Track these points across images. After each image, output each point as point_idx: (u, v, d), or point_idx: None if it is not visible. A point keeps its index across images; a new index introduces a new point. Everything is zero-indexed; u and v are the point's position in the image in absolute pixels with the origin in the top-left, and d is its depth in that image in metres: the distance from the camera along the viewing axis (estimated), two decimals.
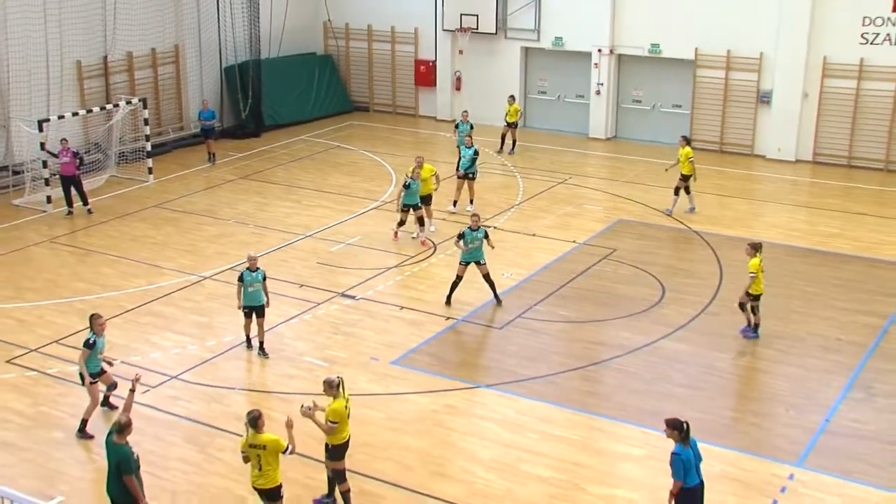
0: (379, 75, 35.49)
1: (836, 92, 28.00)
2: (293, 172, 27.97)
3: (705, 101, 29.91)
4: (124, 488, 11.11)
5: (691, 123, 30.25)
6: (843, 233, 22.61)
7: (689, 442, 11.33)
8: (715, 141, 29.92)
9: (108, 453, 11.26)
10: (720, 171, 27.95)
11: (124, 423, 11.23)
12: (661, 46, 30.05)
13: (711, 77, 29.63)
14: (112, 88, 28.60)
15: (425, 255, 21.16)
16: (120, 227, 23.25)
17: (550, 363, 16.55)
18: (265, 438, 11.36)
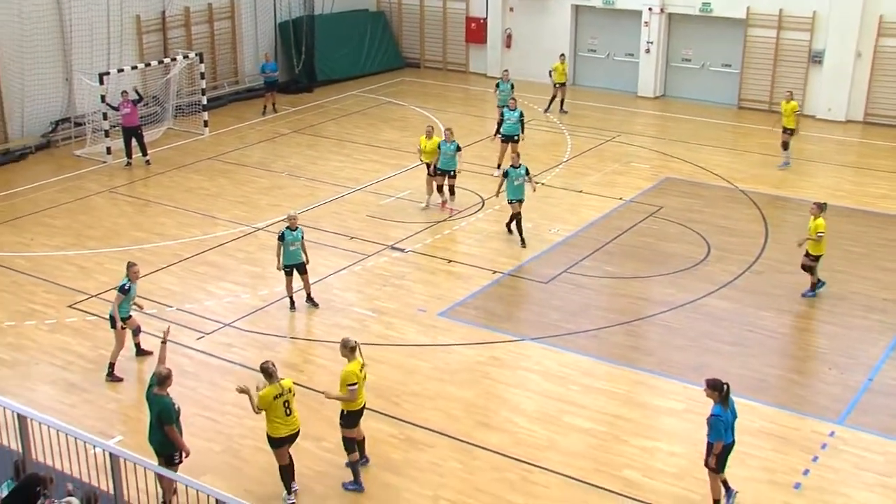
0: (430, 32, 35.59)
1: (892, 51, 27.63)
2: (344, 127, 28.32)
3: (756, 60, 29.69)
4: (165, 438, 11.41)
5: (741, 83, 30.09)
6: (892, 193, 22.51)
7: (728, 403, 11.55)
8: (764, 101, 29.71)
9: (149, 404, 11.55)
10: (769, 131, 27.72)
11: (165, 374, 11.46)
12: (713, 5, 29.80)
13: (762, 36, 29.38)
14: (170, 43, 29.08)
15: (473, 210, 21.45)
16: (176, 179, 23.82)
17: (594, 318, 16.83)
18: (288, 383, 11.69)
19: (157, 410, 11.37)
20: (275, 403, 11.49)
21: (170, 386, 11.52)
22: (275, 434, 11.69)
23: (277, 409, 11.53)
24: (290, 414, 11.66)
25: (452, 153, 20.98)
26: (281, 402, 11.55)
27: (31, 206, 21.86)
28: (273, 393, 11.46)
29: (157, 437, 11.46)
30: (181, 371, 14.92)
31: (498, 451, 13.05)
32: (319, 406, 14.02)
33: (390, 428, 13.50)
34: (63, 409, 13.89)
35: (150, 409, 11.50)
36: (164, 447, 11.44)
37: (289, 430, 11.72)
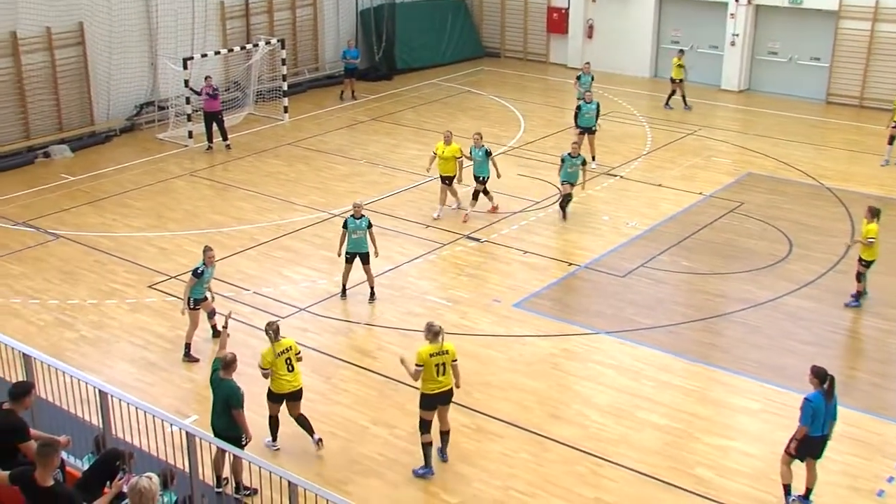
0: (511, 21, 35.41)
1: None
2: (423, 115, 28.35)
3: (847, 54, 28.89)
4: (231, 422, 11.50)
5: (830, 76, 29.33)
6: None
7: (830, 396, 11.33)
8: (855, 96, 28.92)
9: (214, 389, 11.65)
10: (858, 127, 27.10)
11: (229, 359, 11.59)
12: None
13: (856, 29, 28.54)
14: (252, 29, 29.40)
15: (551, 202, 21.28)
16: (255, 163, 24.09)
17: (670, 313, 16.59)
18: (289, 342, 12.44)
19: (224, 395, 11.50)
20: (277, 360, 12.25)
21: (234, 371, 11.65)
22: (277, 390, 12.41)
23: (280, 365, 12.27)
24: (292, 370, 12.36)
25: (482, 158, 20.07)
26: (283, 359, 12.31)
27: (115, 188, 22.32)
28: (276, 350, 12.25)
29: (222, 420, 11.57)
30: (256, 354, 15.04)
31: (569, 444, 12.94)
32: (393, 392, 14.08)
33: (462, 417, 13.46)
34: (142, 386, 14.15)
35: (216, 394, 11.63)
36: (231, 430, 11.54)
37: (291, 386, 12.41)
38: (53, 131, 24.93)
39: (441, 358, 11.94)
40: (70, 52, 24.93)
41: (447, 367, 12.01)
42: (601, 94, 30.09)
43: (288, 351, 12.40)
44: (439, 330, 12.02)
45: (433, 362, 11.92)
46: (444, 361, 11.98)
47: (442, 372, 11.99)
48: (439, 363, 11.95)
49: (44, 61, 24.38)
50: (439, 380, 12.01)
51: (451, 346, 12.08)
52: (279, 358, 12.30)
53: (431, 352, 11.92)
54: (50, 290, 17.28)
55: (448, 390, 12.15)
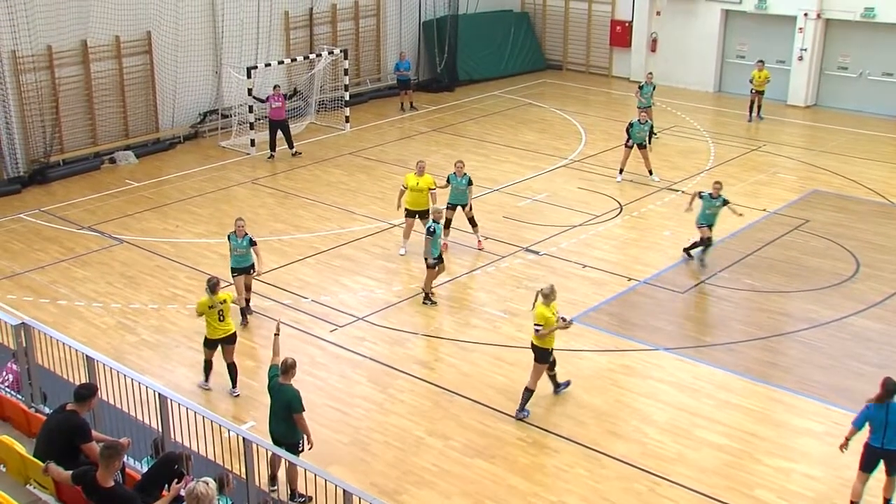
0: (574, 34, 35.30)
1: None
2: (484, 127, 28.33)
3: None
4: (292, 427, 11.58)
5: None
6: None
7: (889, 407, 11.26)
8: None
9: (274, 395, 11.71)
10: None
11: (290, 364, 11.68)
12: (876, 10, 28.53)
13: None
14: (315, 39, 29.65)
15: (611, 216, 21.11)
16: (316, 172, 24.25)
17: (732, 331, 16.32)
18: (224, 296, 14.09)
19: (286, 400, 11.55)
20: (210, 311, 13.91)
21: (293, 376, 11.72)
22: (210, 336, 14.14)
23: (213, 315, 13.94)
24: (223, 320, 14.01)
25: (465, 187, 19.07)
26: (216, 310, 13.92)
27: (178, 194, 22.61)
28: (208, 303, 13.89)
29: (282, 426, 11.64)
30: (313, 362, 15.20)
31: (626, 461, 12.77)
32: (448, 404, 14.04)
33: (518, 431, 13.38)
34: (199, 391, 14.27)
35: (276, 399, 11.68)
36: (292, 436, 11.61)
37: (222, 332, 14.07)
38: (119, 138, 25.36)
39: None
40: (137, 60, 25.36)
41: None
42: (665, 109, 29.97)
43: (222, 304, 13.98)
44: (548, 291, 13.61)
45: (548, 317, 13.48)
46: None
47: None
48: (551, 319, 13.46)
49: (112, 69, 24.82)
50: None
51: None
52: (212, 309, 13.91)
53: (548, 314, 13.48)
54: (113, 293, 17.53)
55: None
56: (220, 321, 14.00)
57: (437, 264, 17.03)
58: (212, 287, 13.93)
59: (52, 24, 23.16)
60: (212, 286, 13.94)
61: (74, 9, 23.60)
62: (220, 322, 14.00)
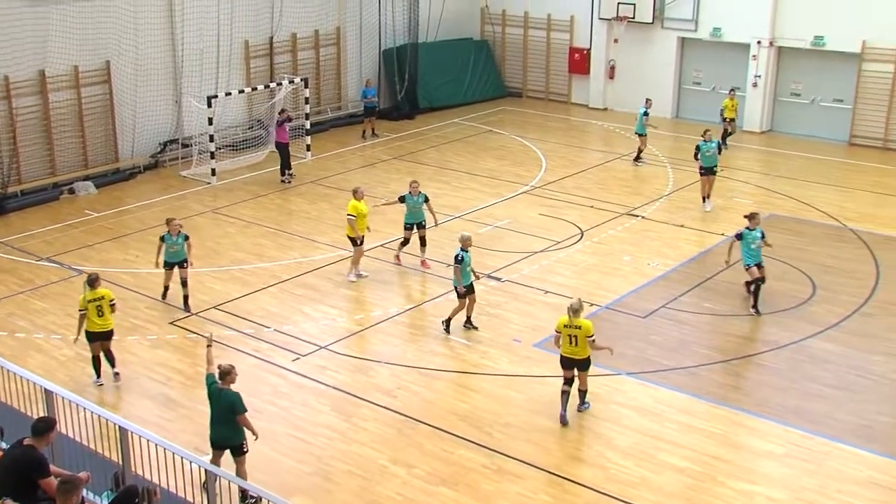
0: (533, 62, 35.61)
1: None
2: (445, 154, 28.45)
3: (870, 96, 28.87)
4: (236, 428, 11.95)
5: (853, 118, 29.29)
6: None
7: None
8: (878, 137, 28.86)
9: (216, 400, 12.01)
10: (882, 169, 27.00)
11: (227, 369, 12.01)
12: (825, 39, 29.13)
13: (879, 71, 28.55)
14: (276, 68, 29.68)
15: (572, 242, 21.25)
16: (278, 201, 24.22)
17: (693, 355, 16.45)
18: (103, 293, 14.83)
19: (228, 403, 11.91)
20: (89, 306, 14.68)
21: (233, 381, 12.03)
22: (89, 329, 14.85)
23: (91, 311, 14.70)
24: (101, 315, 14.78)
25: (421, 205, 19.64)
26: (94, 305, 14.70)
27: (138, 224, 22.46)
28: (88, 298, 14.69)
29: (227, 429, 11.98)
30: (275, 391, 15.13)
31: (589, 486, 12.80)
32: (412, 432, 14.01)
33: (482, 458, 13.38)
34: (161, 423, 14.13)
35: (218, 404, 12.00)
36: (236, 437, 11.99)
37: (100, 327, 14.84)
38: (78, 168, 25.18)
39: (572, 331, 13.99)
40: (96, 90, 25.24)
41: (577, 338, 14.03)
42: (623, 135, 30.31)
43: (100, 300, 14.78)
44: (577, 307, 14.07)
45: (566, 332, 14.06)
46: (576, 334, 13.99)
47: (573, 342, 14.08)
48: (571, 335, 14.02)
49: (70, 99, 24.68)
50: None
51: (585, 322, 14.10)
52: (91, 304, 14.72)
53: (563, 324, 14.08)
54: (72, 325, 17.18)
55: None
56: (100, 316, 14.81)
57: (467, 293, 16.99)
58: (90, 283, 14.85)
59: (8, 54, 23.03)
60: (90, 282, 14.87)
61: (31, 39, 23.48)
62: (98, 317, 14.81)
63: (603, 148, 29.75)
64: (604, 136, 31.09)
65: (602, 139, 30.90)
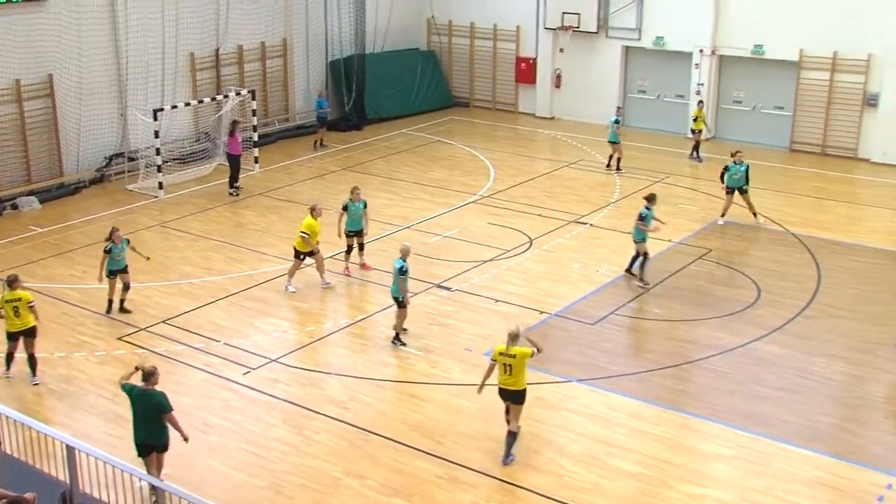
0: (480, 72, 35.80)
1: None
2: (393, 165, 28.49)
3: (808, 102, 29.46)
4: (163, 428, 12.17)
5: (793, 125, 29.86)
6: None
7: None
8: (817, 143, 29.45)
9: (141, 401, 12.12)
10: (821, 174, 27.56)
11: (150, 370, 12.25)
12: (765, 47, 29.69)
13: (816, 79, 29.16)
14: (223, 80, 29.54)
15: (521, 250, 21.39)
16: (225, 214, 24.08)
17: (642, 360, 16.65)
18: (20, 294, 15.31)
19: (154, 403, 12.08)
20: (6, 306, 15.22)
21: (156, 382, 12.19)
22: (8, 329, 15.41)
23: (8, 311, 15.25)
24: (18, 315, 15.29)
25: (361, 211, 20.04)
26: (11, 306, 15.22)
27: (84, 239, 22.20)
28: (6, 298, 15.21)
29: (153, 429, 12.15)
30: (226, 405, 15.05)
31: (542, 493, 12.90)
32: (364, 443, 14.01)
33: (435, 468, 13.42)
34: (110, 440, 13.97)
35: (143, 406, 12.14)
36: (162, 437, 12.24)
37: (17, 327, 15.38)
38: (21, 183, 24.83)
39: (507, 359, 13.30)
40: (39, 103, 24.93)
41: (512, 368, 13.29)
42: (570, 143, 30.60)
43: (17, 301, 15.28)
44: (514, 333, 13.34)
45: (501, 360, 13.37)
46: (511, 363, 13.28)
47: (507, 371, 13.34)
48: (506, 363, 13.30)
49: (12, 113, 24.35)
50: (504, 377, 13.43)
51: (521, 350, 13.33)
52: (7, 304, 15.29)
53: (500, 351, 13.37)
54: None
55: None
56: (16, 316, 15.33)
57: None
58: (9, 283, 15.43)
59: None
60: (9, 282, 15.45)
61: None
62: (15, 317, 15.33)
63: (550, 156, 29.97)
64: (551, 145, 31.34)
65: (549, 148, 31.14)
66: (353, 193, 20.09)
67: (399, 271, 16.89)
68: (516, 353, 13.24)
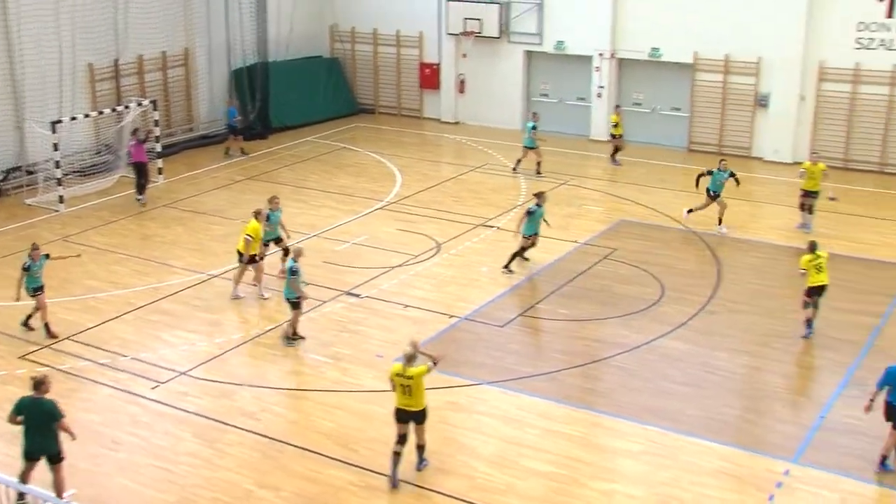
0: (384, 78, 35.85)
1: (832, 95, 28.44)
2: (300, 173, 28.36)
3: (704, 104, 30.30)
4: (54, 436, 12.20)
5: (690, 126, 30.66)
6: (840, 234, 22.91)
7: None
8: (713, 143, 30.29)
9: (32, 410, 12.13)
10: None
11: (40, 378, 12.26)
12: (661, 51, 30.44)
13: (710, 81, 30.02)
14: (123, 91, 29.01)
15: (429, 255, 21.52)
16: (130, 227, 23.66)
17: (551, 361, 16.92)
18: None
19: (46, 410, 12.10)
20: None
21: (48, 391, 12.19)
22: None
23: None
24: None
25: (279, 220, 20.12)
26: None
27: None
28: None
29: (45, 438, 12.18)
30: (135, 421, 14.83)
31: (456, 497, 13.00)
32: (277, 454, 13.95)
33: (349, 475, 13.43)
34: (9, 462, 13.59)
35: (34, 414, 12.16)
36: (55, 445, 12.23)
37: None
38: None
39: (404, 380, 12.93)
40: None
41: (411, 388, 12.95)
42: (475, 147, 30.87)
43: None
44: (409, 353, 13.01)
45: (398, 382, 13.01)
46: (409, 384, 12.92)
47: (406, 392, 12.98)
48: (404, 384, 12.95)
49: None
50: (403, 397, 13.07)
51: (418, 370, 12.97)
52: None
53: (396, 372, 13.01)
54: None
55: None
56: None
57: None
58: None
59: None
60: None
61: None
62: None
63: (456, 161, 30.21)
64: (457, 150, 31.58)
65: (455, 152, 31.38)
66: (272, 202, 20.10)
67: (290, 271, 17.02)
68: (413, 373, 12.87)
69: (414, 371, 12.89)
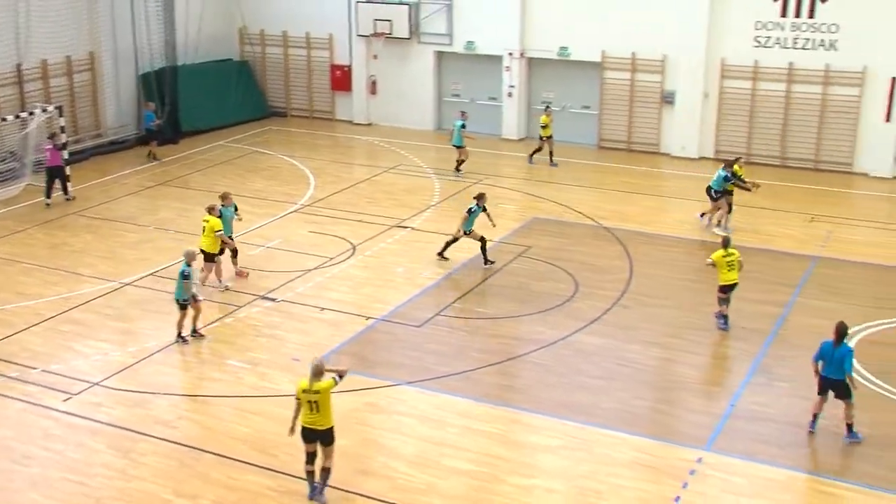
0: (295, 80, 35.66)
1: (734, 92, 29.25)
2: (212, 178, 28.03)
3: (612, 101, 30.86)
4: None
5: (600, 123, 31.17)
6: (745, 226, 23.55)
7: (838, 343, 14.02)
8: (623, 140, 30.88)
9: None
10: (627, 169, 28.90)
11: None
12: (570, 49, 30.88)
13: (618, 78, 30.58)
14: (27, 96, 28.32)
15: (345, 257, 21.50)
16: (37, 236, 23.12)
17: (468, 359, 17.04)
18: None
19: None
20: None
21: None
22: None
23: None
24: None
25: (233, 216, 20.37)
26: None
27: None
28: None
29: None
30: (46, 434, 14.52)
31: (377, 498, 13.03)
32: (194, 462, 13.81)
33: (268, 481, 13.36)
34: None
35: None
36: None
37: None
38: None
39: (312, 396, 12.48)
40: None
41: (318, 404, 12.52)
42: (388, 148, 30.91)
43: None
44: (316, 366, 12.53)
45: (305, 398, 12.51)
46: (316, 400, 12.49)
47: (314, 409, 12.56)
48: (311, 400, 12.49)
49: None
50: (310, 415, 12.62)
51: (325, 384, 12.54)
52: None
53: (303, 388, 12.50)
54: None
55: None
56: None
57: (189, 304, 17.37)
58: None
59: None
60: None
61: None
62: None
63: (369, 162, 30.21)
64: (369, 151, 31.58)
65: (368, 154, 31.37)
66: (225, 199, 20.26)
67: (181, 275, 17.10)
68: (320, 388, 12.44)
69: (321, 385, 12.43)
